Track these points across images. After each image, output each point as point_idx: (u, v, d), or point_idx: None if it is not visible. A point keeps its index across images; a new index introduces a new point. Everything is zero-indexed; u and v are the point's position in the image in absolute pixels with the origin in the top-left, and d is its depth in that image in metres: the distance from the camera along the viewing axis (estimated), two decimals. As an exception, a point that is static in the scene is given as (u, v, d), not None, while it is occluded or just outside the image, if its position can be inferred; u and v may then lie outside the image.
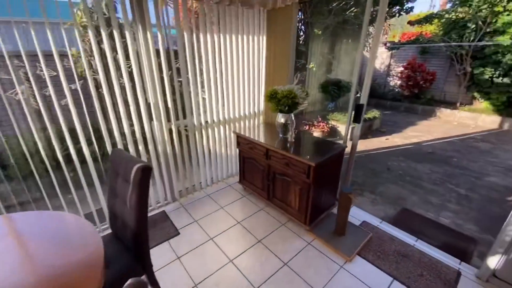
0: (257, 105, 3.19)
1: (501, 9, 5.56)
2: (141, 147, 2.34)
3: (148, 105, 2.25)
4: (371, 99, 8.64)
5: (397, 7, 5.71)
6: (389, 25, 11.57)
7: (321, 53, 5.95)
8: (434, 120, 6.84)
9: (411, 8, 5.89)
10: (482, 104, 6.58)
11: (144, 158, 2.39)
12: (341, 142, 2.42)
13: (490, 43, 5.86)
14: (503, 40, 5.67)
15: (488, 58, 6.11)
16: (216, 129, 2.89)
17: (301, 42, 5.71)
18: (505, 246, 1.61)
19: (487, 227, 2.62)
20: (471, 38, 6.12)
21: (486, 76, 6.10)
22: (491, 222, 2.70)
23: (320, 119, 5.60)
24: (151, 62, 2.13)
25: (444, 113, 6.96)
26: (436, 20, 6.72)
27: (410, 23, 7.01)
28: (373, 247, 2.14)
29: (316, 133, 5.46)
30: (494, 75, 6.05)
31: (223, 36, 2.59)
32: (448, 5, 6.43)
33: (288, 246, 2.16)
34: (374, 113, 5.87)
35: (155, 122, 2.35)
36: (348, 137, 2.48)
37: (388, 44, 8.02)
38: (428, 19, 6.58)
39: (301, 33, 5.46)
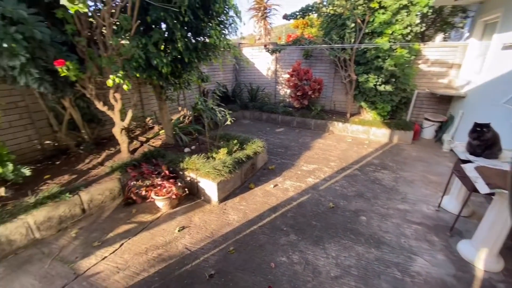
0: None
1: (376, 5, 4.70)
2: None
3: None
4: (262, 113, 7.05)
5: None
6: (270, 24, 10.66)
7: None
8: (329, 138, 5.72)
9: None
10: (370, 114, 5.88)
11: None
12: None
13: (371, 46, 5.02)
14: (382, 42, 4.88)
15: (371, 64, 5.32)
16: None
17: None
18: None
19: None
20: (352, 40, 5.18)
21: (371, 84, 5.31)
22: None
23: (166, 171, 3.22)
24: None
25: (337, 127, 5.96)
26: (314, 18, 5.55)
27: (285, 17, 5.70)
28: None
29: (160, 202, 3.06)
30: (378, 83, 5.31)
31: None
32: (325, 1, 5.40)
33: None
34: (256, 145, 3.99)
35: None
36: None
37: (268, 46, 6.56)
38: (304, 12, 5.33)
39: None
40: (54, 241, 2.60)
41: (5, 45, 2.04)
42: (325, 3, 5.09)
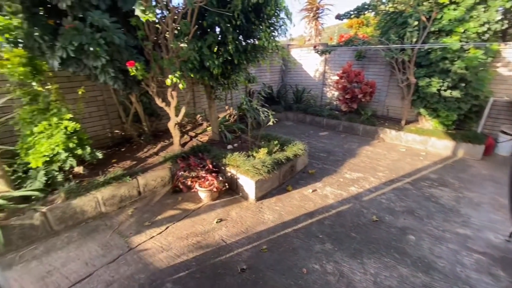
0: None
1: (446, 0, 4.17)
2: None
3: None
4: (306, 115, 6.93)
5: None
6: (322, 24, 10.31)
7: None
8: (378, 146, 5.31)
9: None
10: (430, 122, 5.25)
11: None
12: None
13: (437, 46, 4.47)
14: (452, 42, 4.30)
15: (435, 66, 4.75)
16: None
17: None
18: None
19: None
20: (414, 40, 4.70)
21: (434, 89, 4.73)
22: None
23: (209, 165, 3.44)
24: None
25: (388, 135, 5.49)
26: (371, 17, 5.20)
27: (338, 17, 5.44)
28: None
29: (202, 193, 3.28)
30: (442, 87, 4.70)
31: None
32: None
33: None
34: (296, 147, 3.95)
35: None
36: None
37: (318, 47, 6.38)
38: (359, 10, 5.02)
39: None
40: (115, 216, 3.04)
41: (91, 48, 2.47)
42: (384, 0, 4.71)
